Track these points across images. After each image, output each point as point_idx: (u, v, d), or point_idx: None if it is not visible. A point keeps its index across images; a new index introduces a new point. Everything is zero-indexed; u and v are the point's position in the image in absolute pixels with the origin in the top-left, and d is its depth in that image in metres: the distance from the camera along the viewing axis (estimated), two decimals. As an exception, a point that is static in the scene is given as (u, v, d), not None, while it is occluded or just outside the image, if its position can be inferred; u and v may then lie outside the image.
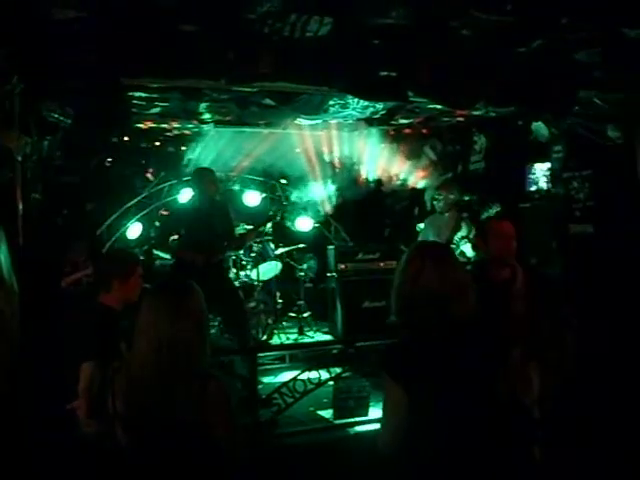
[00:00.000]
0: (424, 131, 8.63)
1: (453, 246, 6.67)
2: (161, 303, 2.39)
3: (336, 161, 9.09)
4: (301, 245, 8.89)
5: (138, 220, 8.33)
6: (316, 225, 9.33)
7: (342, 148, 8.79)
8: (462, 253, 6.72)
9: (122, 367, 2.50)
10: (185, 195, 7.88)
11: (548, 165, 7.93)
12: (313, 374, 5.20)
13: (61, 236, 6.19)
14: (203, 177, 5.92)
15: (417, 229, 7.73)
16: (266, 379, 6.35)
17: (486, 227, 4.44)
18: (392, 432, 2.37)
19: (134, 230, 8.29)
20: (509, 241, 4.15)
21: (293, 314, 8.62)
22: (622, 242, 6.34)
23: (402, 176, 9.01)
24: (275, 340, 7.71)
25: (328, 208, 9.34)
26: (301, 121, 7.64)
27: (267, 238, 8.29)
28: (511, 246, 4.14)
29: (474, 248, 6.46)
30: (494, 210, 6.17)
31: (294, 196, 9.07)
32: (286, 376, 5.86)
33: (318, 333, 8.29)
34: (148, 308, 2.40)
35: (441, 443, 2.32)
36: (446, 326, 2.40)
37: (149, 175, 8.60)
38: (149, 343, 2.34)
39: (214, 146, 8.26)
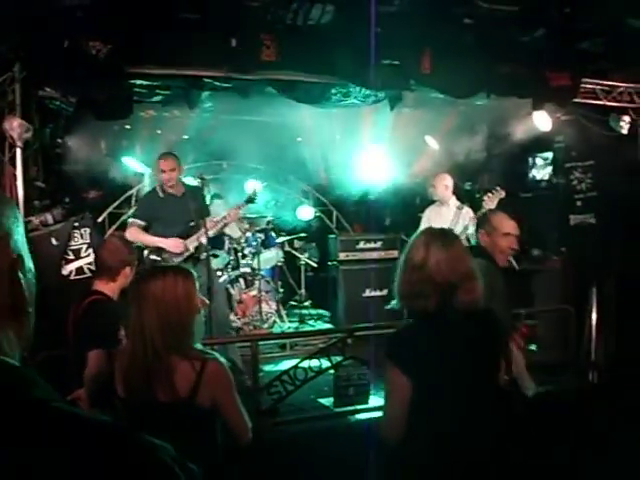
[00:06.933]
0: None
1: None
2: (133, 289, 2.62)
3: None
4: (302, 234, 8.92)
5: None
6: (317, 214, 9.33)
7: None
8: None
9: (120, 352, 2.58)
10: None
11: (550, 155, 7.93)
12: (314, 362, 5.22)
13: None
14: (165, 162, 5.67)
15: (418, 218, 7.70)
16: (267, 367, 6.37)
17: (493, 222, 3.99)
18: (395, 419, 2.36)
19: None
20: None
21: (294, 302, 8.65)
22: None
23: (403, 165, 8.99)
24: (276, 328, 7.73)
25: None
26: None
27: (259, 228, 8.25)
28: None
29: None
30: (497, 197, 6.03)
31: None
32: (287, 364, 5.88)
33: (319, 321, 8.33)
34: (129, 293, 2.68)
35: (444, 428, 2.32)
36: (451, 313, 2.38)
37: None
38: (133, 326, 2.48)
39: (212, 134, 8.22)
